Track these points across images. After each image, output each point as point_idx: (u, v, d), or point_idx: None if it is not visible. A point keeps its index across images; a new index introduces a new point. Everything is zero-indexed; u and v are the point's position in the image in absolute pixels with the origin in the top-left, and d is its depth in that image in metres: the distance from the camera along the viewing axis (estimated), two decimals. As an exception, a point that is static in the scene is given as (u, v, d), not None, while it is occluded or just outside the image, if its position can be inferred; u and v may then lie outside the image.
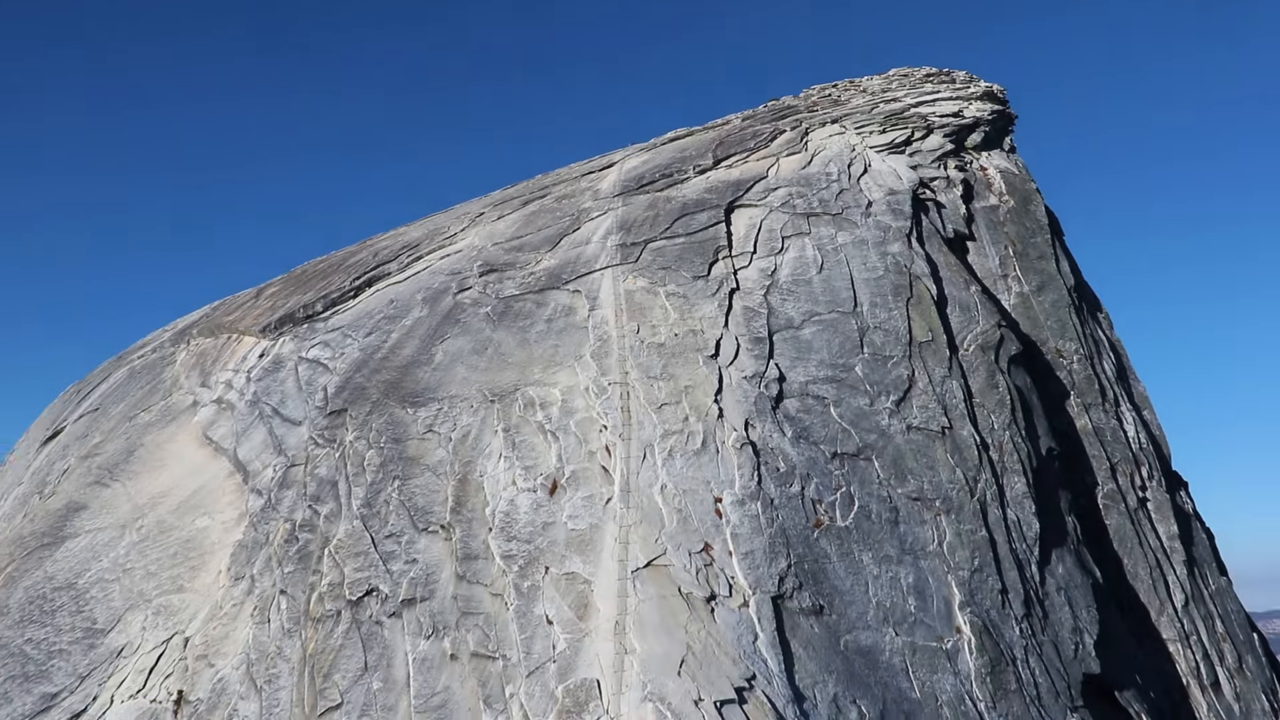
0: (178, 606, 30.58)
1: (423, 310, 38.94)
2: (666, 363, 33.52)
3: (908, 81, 57.52)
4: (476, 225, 45.03)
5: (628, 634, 25.69)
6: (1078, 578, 32.80)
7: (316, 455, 33.33)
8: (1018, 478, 33.96)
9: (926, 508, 30.97)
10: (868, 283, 38.09)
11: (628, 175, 46.81)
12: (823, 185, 43.08)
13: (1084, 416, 40.68)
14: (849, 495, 30.58)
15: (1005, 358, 37.79)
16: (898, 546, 29.92)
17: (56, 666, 30.26)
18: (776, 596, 27.61)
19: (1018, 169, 50.32)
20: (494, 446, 31.61)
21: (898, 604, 28.36)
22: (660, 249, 39.12)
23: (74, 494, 37.03)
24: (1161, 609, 37.53)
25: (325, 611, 28.23)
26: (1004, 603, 29.83)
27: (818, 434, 32.27)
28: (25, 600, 32.76)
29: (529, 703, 24.59)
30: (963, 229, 44.45)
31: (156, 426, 38.76)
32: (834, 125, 49.50)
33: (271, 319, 41.72)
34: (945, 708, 27.09)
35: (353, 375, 36.23)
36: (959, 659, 28.22)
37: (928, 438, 33.10)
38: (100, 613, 31.41)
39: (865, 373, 34.58)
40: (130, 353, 48.82)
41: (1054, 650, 30.41)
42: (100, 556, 33.23)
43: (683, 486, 29.67)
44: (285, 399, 36.62)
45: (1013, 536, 31.94)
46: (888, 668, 27.15)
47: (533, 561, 28.07)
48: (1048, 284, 45.23)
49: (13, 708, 29.59)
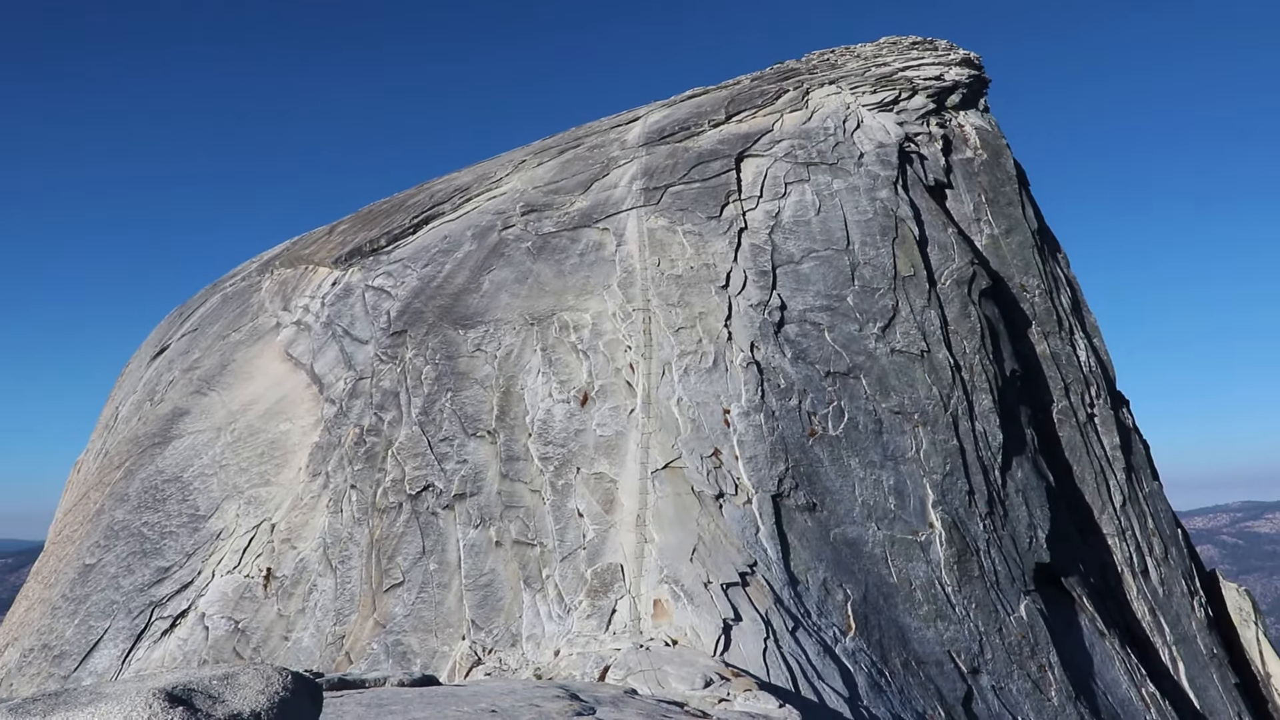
0: (265, 498, 30.54)
1: (472, 245, 38.15)
2: (683, 292, 32.74)
3: (896, 49, 55.53)
4: (519, 171, 43.94)
5: (647, 526, 25.41)
6: (1034, 481, 32.28)
7: (381, 370, 32.91)
8: (985, 395, 33.28)
9: (906, 420, 30.33)
10: (859, 224, 37.05)
11: (651, 128, 45.54)
12: (821, 138, 41.71)
13: (1043, 343, 39.81)
14: (840, 409, 29.95)
15: (977, 291, 36.88)
16: (881, 453, 29.38)
17: (168, 545, 30.38)
18: (776, 495, 27.23)
19: (990, 126, 48.63)
20: (533, 363, 31.12)
21: (880, 502, 27.91)
22: (679, 192, 38.06)
23: (178, 401, 36.87)
24: (1103, 508, 37.11)
25: (389, 504, 28.10)
26: (970, 502, 29.36)
27: (813, 355, 31.58)
28: (141, 490, 32.81)
29: (562, 583, 24.48)
30: (942, 178, 43.14)
31: (245, 344, 38.42)
32: (831, 86, 47.91)
33: (342, 252, 41.05)
34: (918, 591, 26.81)
35: (412, 301, 35.63)
36: (930, 550, 27.87)
37: (908, 359, 32.37)
38: (202, 501, 31.42)
39: (855, 302, 33.74)
40: (223, 281, 48.33)
41: (1011, 543, 30.02)
42: (201, 454, 33.16)
43: (696, 399, 29.12)
44: (354, 321, 36.13)
45: (979, 446, 31.37)
46: (870, 557, 26.81)
47: (566, 463, 27.78)
48: (1015, 227, 44.04)
49: (135, 577, 29.82)
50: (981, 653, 26.84)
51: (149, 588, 29.47)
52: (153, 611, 29.08)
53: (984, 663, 26.73)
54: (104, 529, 32.21)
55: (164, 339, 46.51)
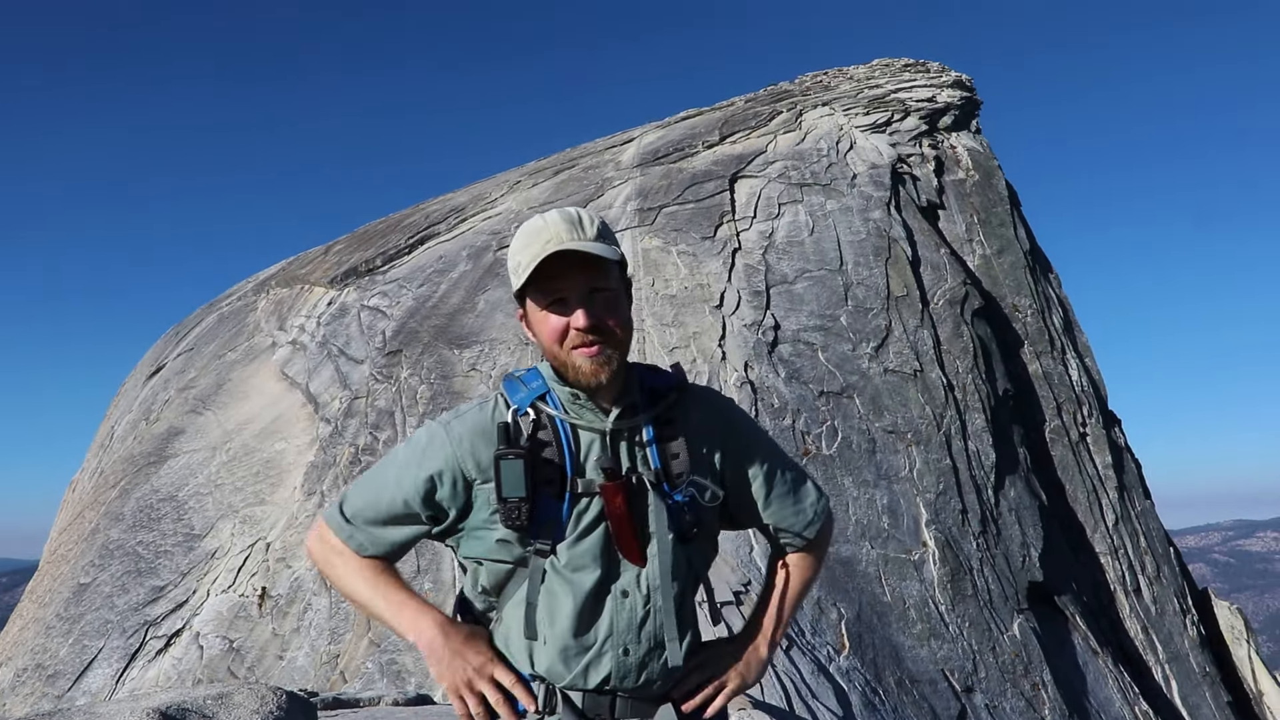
0: (260, 517, 30.40)
1: (467, 265, 38.23)
2: (677, 312, 32.87)
3: (888, 70, 56.06)
4: (514, 191, 44.15)
5: (642, 544, 25.42)
6: (1026, 500, 32.35)
7: (376, 389, 32.89)
8: (978, 414, 33.41)
9: (899, 439, 30.44)
10: (852, 244, 37.26)
11: (645, 149, 45.85)
12: (814, 159, 42.01)
13: (1035, 362, 39.99)
14: (833, 428, 30.04)
15: (969, 311, 37.05)
16: (874, 472, 29.45)
17: (162, 564, 30.20)
18: (769, 513, 27.21)
19: (982, 148, 49.04)
20: (529, 383, 31.14)
21: (873, 521, 27.95)
22: (673, 213, 38.27)
23: (173, 420, 36.79)
24: (1095, 527, 37.17)
25: (385, 521, 28.03)
26: (964, 521, 29.41)
27: (807, 375, 31.69)
28: (136, 509, 32.65)
29: (558, 600, 24.43)
30: (935, 199, 43.43)
31: (241, 364, 38.39)
32: (824, 107, 48.28)
33: (338, 272, 41.09)
34: (912, 609, 26.80)
35: (407, 321, 35.65)
36: (924, 568, 27.87)
37: (902, 379, 32.49)
38: (196, 520, 31.27)
39: (849, 322, 33.90)
40: (219, 300, 48.35)
41: (1005, 561, 30.06)
42: (196, 473, 33.04)
43: (690, 419, 29.15)
44: (350, 341, 36.13)
45: (972, 465, 31.45)
46: (864, 575, 26.81)
47: (561, 481, 27.74)
48: (1007, 248, 44.32)
49: (129, 596, 29.63)
50: (975, 671, 26.79)
51: (143, 607, 29.28)
52: (147, 631, 28.87)
53: (978, 681, 26.66)
54: (99, 548, 32.04)
55: (160, 358, 46.43)
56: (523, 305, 2.67)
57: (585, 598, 2.54)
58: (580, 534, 2.54)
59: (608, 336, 2.53)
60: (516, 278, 2.61)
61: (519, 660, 2.59)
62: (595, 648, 2.55)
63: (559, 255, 2.47)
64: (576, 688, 2.55)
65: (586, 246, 2.48)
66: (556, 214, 2.54)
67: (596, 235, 2.54)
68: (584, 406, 2.58)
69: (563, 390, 2.59)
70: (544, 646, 2.55)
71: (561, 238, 2.50)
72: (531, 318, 2.64)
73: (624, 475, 2.54)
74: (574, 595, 2.54)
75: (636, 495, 2.55)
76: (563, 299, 2.53)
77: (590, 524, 2.55)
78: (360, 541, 2.66)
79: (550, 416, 2.57)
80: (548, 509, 2.51)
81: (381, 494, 2.65)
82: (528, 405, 2.58)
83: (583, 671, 2.55)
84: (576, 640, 2.55)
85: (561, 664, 2.55)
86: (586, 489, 2.53)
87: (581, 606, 2.54)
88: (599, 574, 2.55)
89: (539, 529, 2.50)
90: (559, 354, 2.55)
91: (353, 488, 2.75)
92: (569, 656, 2.55)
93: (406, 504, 2.61)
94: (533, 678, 2.57)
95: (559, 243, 2.49)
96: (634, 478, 2.56)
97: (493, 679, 2.54)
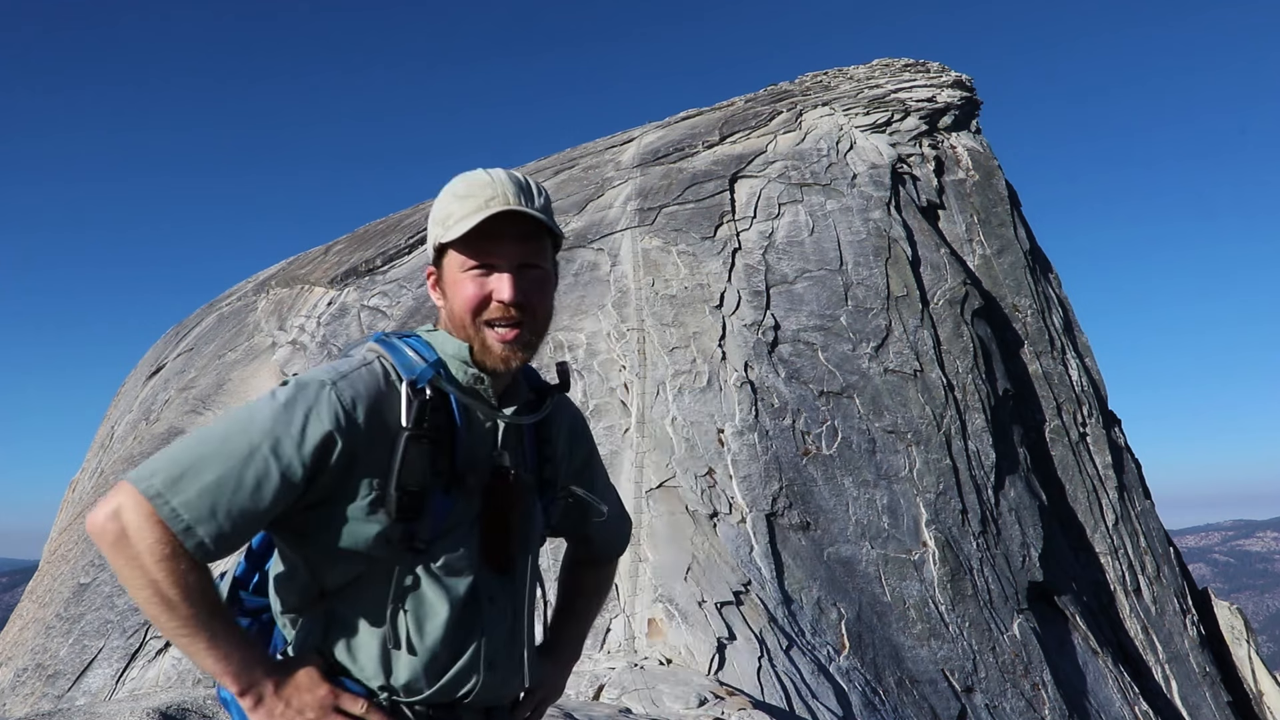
0: (261, 515, 30.44)
1: (468, 266, 38.29)
2: (677, 312, 32.87)
3: (888, 70, 56.05)
4: (514, 193, 44.19)
5: (642, 545, 25.35)
6: (1026, 500, 32.35)
7: (378, 389, 32.94)
8: (978, 414, 33.41)
9: (899, 439, 30.43)
10: (852, 244, 37.27)
11: (645, 149, 45.85)
12: (814, 159, 42.02)
13: (1035, 362, 40.01)
14: (834, 428, 30.04)
15: (969, 311, 37.06)
16: (874, 472, 29.45)
17: (161, 564, 30.26)
18: (770, 514, 27.20)
19: (982, 148, 49.04)
20: (529, 383, 31.12)
21: (873, 521, 27.94)
22: (673, 213, 38.28)
23: (174, 420, 36.76)
24: (1095, 527, 37.18)
25: (385, 521, 28.00)
26: (964, 521, 29.41)
27: (807, 375, 31.69)
28: (134, 508, 32.67)
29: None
30: (935, 199, 43.44)
31: (241, 364, 38.39)
32: (824, 108, 48.28)
33: (338, 272, 41.10)
34: (912, 609, 26.80)
35: (407, 320, 35.63)
36: (924, 568, 27.87)
37: (902, 379, 32.49)
38: (196, 520, 31.31)
39: (849, 322, 33.90)
40: (219, 300, 48.37)
41: (1005, 561, 30.06)
42: (196, 472, 33.06)
43: (690, 419, 29.14)
44: (350, 341, 36.14)
45: (972, 464, 31.45)
46: (864, 575, 26.81)
47: (561, 481, 27.71)
48: (1007, 248, 44.33)
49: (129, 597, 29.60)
50: (975, 671, 26.79)
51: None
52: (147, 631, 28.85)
53: (977, 681, 26.66)
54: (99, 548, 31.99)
55: (160, 358, 46.43)
56: (437, 263, 2.31)
57: (460, 604, 2.23)
58: (458, 534, 2.24)
59: (529, 319, 2.26)
60: (443, 228, 2.24)
61: (367, 671, 2.21)
62: (466, 659, 2.26)
63: (501, 217, 2.18)
64: (432, 701, 2.25)
65: (535, 214, 2.21)
66: (503, 173, 2.26)
67: (542, 208, 2.26)
68: (481, 393, 2.28)
69: (467, 371, 2.26)
70: (406, 656, 2.20)
71: (508, 198, 2.20)
72: (447, 277, 2.28)
73: (511, 475, 2.29)
74: (449, 601, 2.21)
75: (517, 498, 2.31)
76: (491, 266, 2.22)
77: (469, 524, 2.26)
78: (202, 540, 1.98)
79: (446, 397, 2.22)
80: (433, 504, 2.19)
81: (245, 469, 2.00)
82: (427, 380, 2.20)
83: (448, 684, 2.25)
84: (446, 650, 2.23)
85: (425, 676, 2.22)
86: (474, 485, 2.25)
87: (458, 614, 2.23)
88: (472, 579, 2.25)
89: (419, 525, 2.17)
90: (468, 327, 2.24)
91: (182, 460, 2.00)
92: (437, 668, 2.23)
93: (286, 478, 2.02)
94: (381, 689, 2.21)
95: (504, 203, 2.19)
96: (514, 478, 2.30)
97: (340, 711, 2.16)
